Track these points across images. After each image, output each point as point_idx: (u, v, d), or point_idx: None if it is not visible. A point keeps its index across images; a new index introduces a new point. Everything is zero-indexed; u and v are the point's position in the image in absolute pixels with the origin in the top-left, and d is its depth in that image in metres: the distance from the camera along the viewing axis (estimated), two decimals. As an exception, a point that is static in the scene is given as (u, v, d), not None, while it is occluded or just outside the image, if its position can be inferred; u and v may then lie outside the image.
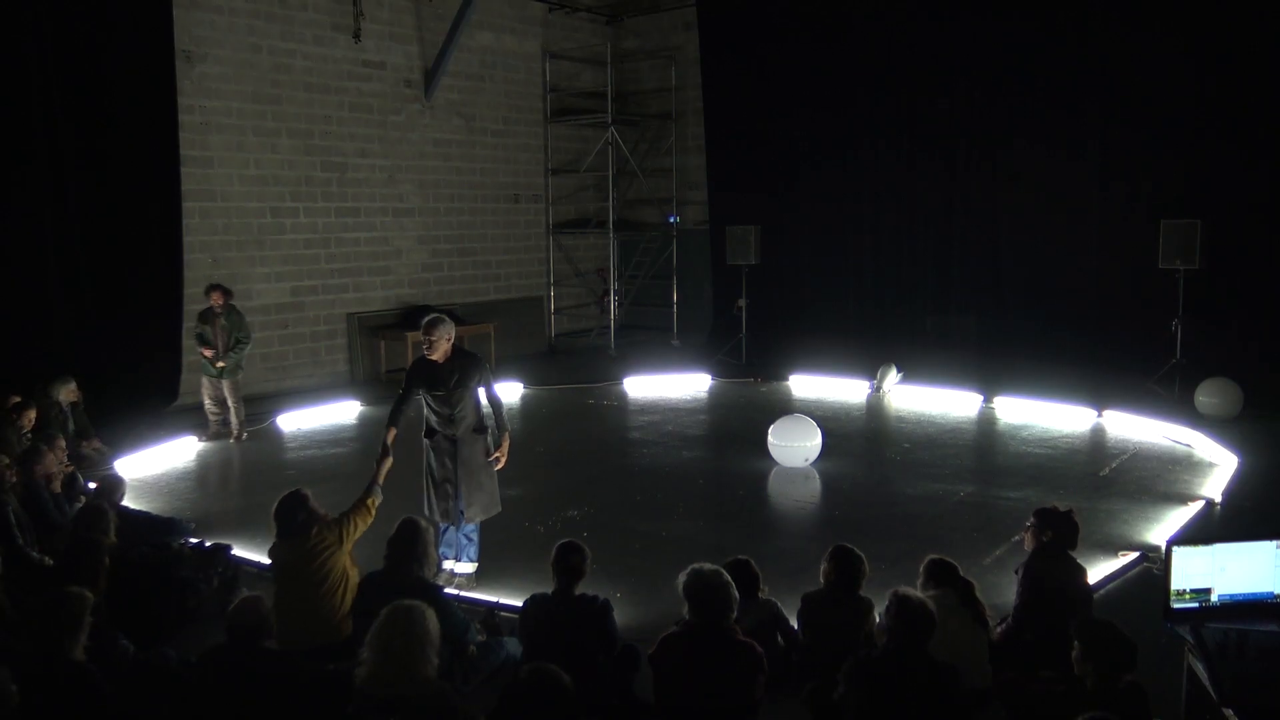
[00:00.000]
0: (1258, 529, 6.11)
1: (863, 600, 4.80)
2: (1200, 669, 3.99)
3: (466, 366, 6.29)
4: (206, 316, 10.51)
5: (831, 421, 10.64)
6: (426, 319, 6.30)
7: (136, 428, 10.62)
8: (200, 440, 10.51)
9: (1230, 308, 11.69)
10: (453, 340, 6.31)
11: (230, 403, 10.57)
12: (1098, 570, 6.29)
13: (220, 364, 10.38)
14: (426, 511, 6.27)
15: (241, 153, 12.75)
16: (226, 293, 10.52)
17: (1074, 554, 5.12)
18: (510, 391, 12.72)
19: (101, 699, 3.94)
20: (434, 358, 6.22)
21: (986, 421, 11.25)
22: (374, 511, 5.63)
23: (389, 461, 6.12)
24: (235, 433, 10.63)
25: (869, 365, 13.02)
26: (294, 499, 5.29)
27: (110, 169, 11.24)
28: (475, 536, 6.43)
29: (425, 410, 6.38)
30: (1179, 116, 11.96)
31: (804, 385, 13.27)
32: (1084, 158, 12.94)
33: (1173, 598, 4.28)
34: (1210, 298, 11.50)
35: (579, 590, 4.73)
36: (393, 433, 6.30)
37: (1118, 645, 3.77)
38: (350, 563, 5.32)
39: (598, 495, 8.53)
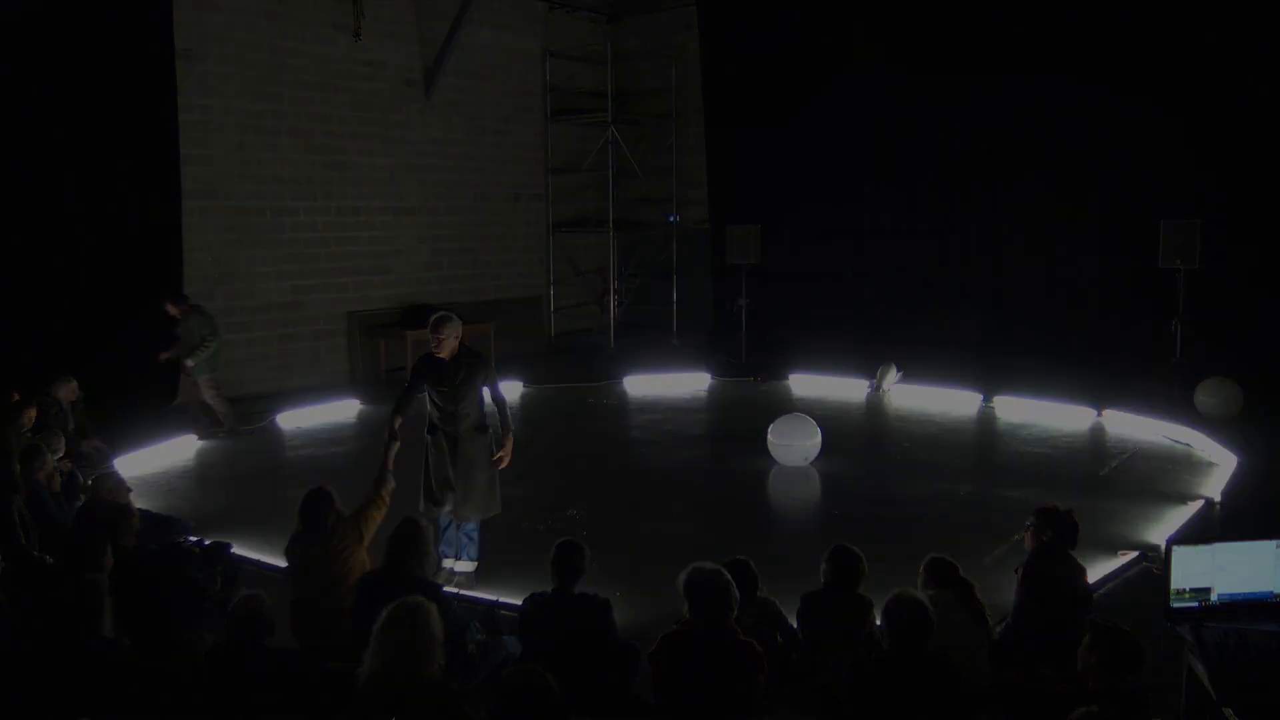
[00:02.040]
0: (1258, 529, 6.10)
1: (862, 599, 4.80)
2: (1200, 669, 4.00)
3: (473, 365, 6.31)
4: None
5: (831, 421, 10.61)
6: (435, 316, 6.32)
7: (136, 426, 10.62)
8: (199, 439, 10.52)
9: (1230, 308, 11.68)
10: (460, 339, 6.33)
11: (209, 401, 10.59)
12: (1098, 570, 6.28)
13: (189, 363, 10.35)
14: (421, 508, 6.28)
15: (242, 151, 12.73)
16: (178, 303, 10.47)
17: (1074, 553, 5.12)
18: (510, 390, 12.70)
19: (130, 670, 4.00)
20: (441, 355, 6.24)
21: (986, 421, 11.25)
22: (388, 500, 5.60)
23: (397, 445, 6.13)
24: (224, 425, 10.64)
25: (869, 364, 13.02)
26: (321, 498, 5.24)
27: (110, 168, 11.22)
28: (475, 535, 6.44)
29: (428, 406, 6.39)
30: (1179, 116, 11.95)
31: (804, 384, 13.27)
32: (1084, 158, 12.92)
33: (1173, 597, 4.28)
34: (1210, 298, 11.50)
35: (579, 589, 4.73)
36: (399, 419, 6.29)
37: (1128, 647, 3.76)
38: (368, 558, 5.29)
39: (598, 494, 8.53)
